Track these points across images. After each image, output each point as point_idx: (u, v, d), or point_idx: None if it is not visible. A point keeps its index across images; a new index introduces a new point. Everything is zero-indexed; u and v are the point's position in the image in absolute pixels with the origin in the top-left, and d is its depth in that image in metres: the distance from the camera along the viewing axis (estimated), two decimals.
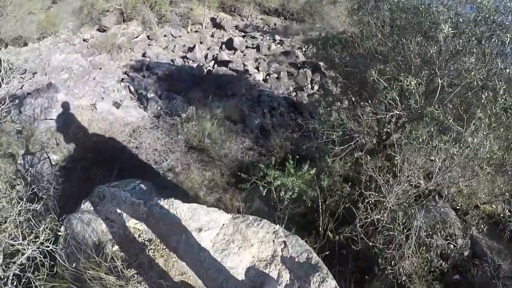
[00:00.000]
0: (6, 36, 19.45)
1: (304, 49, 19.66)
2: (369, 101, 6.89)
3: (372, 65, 6.25)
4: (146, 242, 4.82)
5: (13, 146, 8.94)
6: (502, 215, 6.45)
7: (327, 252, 5.67)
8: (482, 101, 4.96)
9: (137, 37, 21.43)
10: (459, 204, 6.43)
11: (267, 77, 17.17)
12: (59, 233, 4.26)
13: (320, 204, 6.24)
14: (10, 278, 3.59)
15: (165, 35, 22.21)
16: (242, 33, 24.33)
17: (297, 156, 6.90)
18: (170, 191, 7.26)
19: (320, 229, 6.13)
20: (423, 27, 6.10)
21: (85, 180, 8.05)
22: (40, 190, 6.39)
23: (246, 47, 20.73)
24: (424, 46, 5.98)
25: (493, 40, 5.53)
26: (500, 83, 4.89)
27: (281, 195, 6.25)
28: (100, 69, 17.02)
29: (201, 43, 21.18)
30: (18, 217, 3.87)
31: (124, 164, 9.09)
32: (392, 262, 5.47)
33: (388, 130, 7.32)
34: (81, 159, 9.36)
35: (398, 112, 6.01)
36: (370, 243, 5.65)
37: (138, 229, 5.00)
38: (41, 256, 3.77)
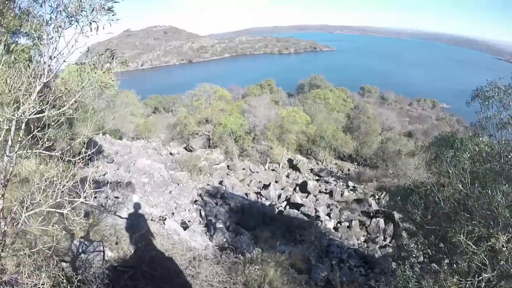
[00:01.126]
0: (107, 126, 21.96)
1: (377, 197, 18.99)
2: (449, 257, 6.10)
3: (455, 222, 5.81)
4: None
5: (75, 224, 8.84)
6: None
7: None
8: None
9: (218, 164, 22.79)
10: None
11: (338, 225, 16.48)
12: None
13: None
14: None
15: (243, 168, 23.48)
16: (317, 177, 24.65)
17: None
18: None
19: None
20: (510, 175, 5.64)
21: None
22: (84, 281, 6.02)
23: (320, 191, 20.55)
24: None
25: None
26: None
27: None
28: (178, 184, 17.61)
29: (276, 182, 21.76)
30: None
31: None
32: None
33: None
34: (133, 267, 8.80)
35: (487, 275, 5.20)
36: None
37: None
38: None
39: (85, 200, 3.97)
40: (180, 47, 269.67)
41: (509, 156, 6.13)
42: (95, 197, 11.70)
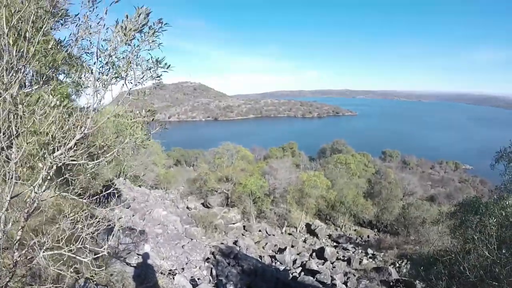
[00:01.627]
0: (128, 171, 22.33)
1: (397, 265, 17.87)
2: None
3: None
4: None
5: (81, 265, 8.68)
6: None
7: None
8: None
9: (234, 223, 22.55)
10: None
11: None
12: None
13: None
14: None
15: (259, 230, 23.09)
16: (335, 243, 23.80)
17: None
18: None
19: None
20: None
21: None
22: None
23: (337, 258, 19.68)
24: None
25: None
26: None
27: None
28: (192, 240, 17.39)
29: (292, 246, 21.10)
30: None
31: None
32: None
33: None
34: None
35: None
36: None
37: None
38: None
39: (105, 252, 4.06)
40: (208, 104, 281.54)
41: None
42: (106, 239, 11.66)
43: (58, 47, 4.20)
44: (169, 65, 3.92)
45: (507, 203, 10.28)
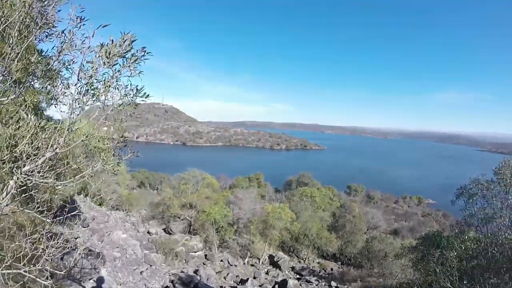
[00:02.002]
0: (90, 189, 21.15)
1: None
2: None
3: None
4: None
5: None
6: None
7: None
8: None
9: (195, 252, 21.91)
10: None
11: None
12: None
13: None
14: None
15: (221, 260, 22.54)
16: (298, 275, 23.59)
17: None
18: None
19: None
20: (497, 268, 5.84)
21: None
22: None
23: None
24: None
25: None
26: None
27: None
28: (151, 266, 16.62)
29: (254, 278, 20.66)
30: None
31: None
32: None
33: None
34: None
35: None
36: None
37: None
38: None
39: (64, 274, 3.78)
40: (177, 128, 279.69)
41: (495, 251, 6.30)
42: (61, 258, 10.93)
43: (39, 58, 4.12)
44: (148, 95, 3.97)
45: (466, 237, 10.79)
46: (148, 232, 23.55)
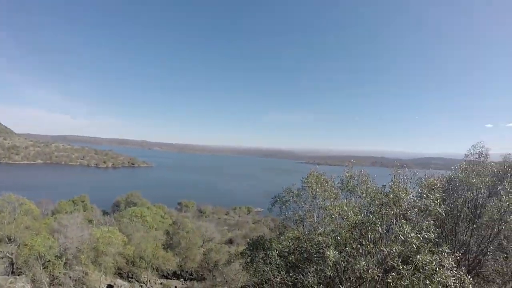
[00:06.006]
0: None
1: None
2: None
3: None
4: None
5: None
6: None
7: None
8: None
9: None
10: None
11: None
12: None
13: None
14: None
15: None
16: None
17: None
18: None
19: None
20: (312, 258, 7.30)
21: None
22: None
23: None
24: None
25: None
26: None
27: None
28: None
29: None
30: None
31: None
32: None
33: None
34: None
35: None
36: None
37: None
38: None
39: None
40: None
41: (309, 246, 8.43)
42: None
43: None
44: None
45: (285, 237, 13.22)
46: None
